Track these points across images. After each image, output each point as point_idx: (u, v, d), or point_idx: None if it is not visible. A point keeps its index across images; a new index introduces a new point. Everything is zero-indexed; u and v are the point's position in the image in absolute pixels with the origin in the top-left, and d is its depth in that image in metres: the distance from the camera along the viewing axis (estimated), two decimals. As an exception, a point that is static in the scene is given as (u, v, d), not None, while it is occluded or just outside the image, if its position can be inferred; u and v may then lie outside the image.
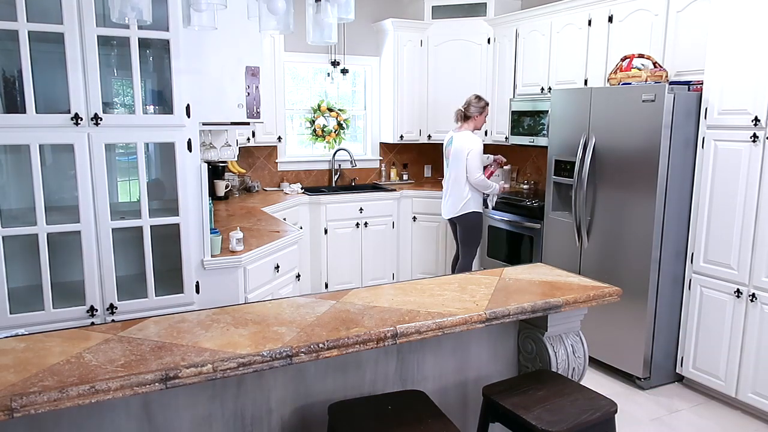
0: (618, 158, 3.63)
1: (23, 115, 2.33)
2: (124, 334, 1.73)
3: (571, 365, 2.27)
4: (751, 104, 3.11)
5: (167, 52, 2.54)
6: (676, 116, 3.37)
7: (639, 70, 3.62)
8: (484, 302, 2.03)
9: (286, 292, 3.32)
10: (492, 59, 5.35)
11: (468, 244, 4.63)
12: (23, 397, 1.35)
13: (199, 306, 2.69)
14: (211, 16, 2.21)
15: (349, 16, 2.16)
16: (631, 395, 3.53)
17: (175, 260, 2.69)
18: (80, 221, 2.47)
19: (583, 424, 1.80)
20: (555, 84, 4.63)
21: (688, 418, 3.28)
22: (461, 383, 2.27)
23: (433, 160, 6.24)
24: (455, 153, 4.48)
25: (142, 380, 1.47)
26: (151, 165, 3.06)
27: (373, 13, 5.69)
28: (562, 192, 4.14)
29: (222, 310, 1.97)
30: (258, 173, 5.43)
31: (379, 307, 1.98)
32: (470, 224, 4.57)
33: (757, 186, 3.12)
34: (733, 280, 3.28)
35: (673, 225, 3.50)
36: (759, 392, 3.17)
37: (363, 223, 5.24)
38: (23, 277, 2.69)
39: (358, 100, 5.95)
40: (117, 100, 2.86)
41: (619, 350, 3.70)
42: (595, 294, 2.17)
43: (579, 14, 4.38)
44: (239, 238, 2.86)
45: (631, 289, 3.56)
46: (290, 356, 1.64)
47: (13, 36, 2.30)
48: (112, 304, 2.56)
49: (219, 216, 3.88)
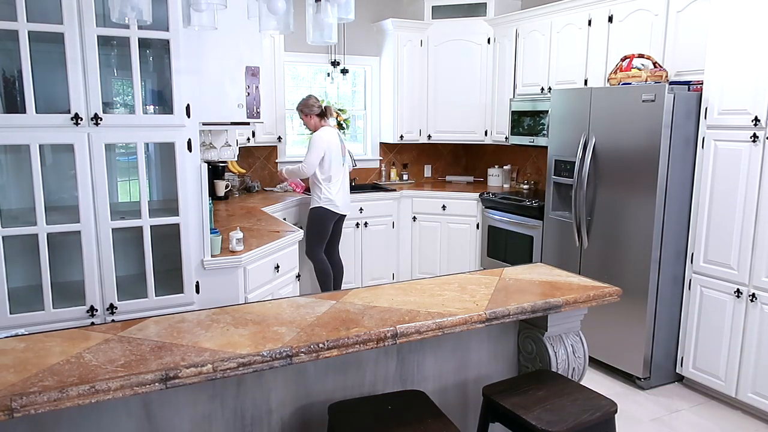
0: (618, 158, 3.63)
1: (23, 115, 2.33)
2: (124, 334, 1.73)
3: (571, 365, 2.27)
4: (751, 104, 3.11)
5: (167, 52, 2.54)
6: (676, 116, 3.37)
7: (639, 70, 3.62)
8: (484, 302, 2.03)
9: (286, 292, 3.32)
10: (492, 59, 5.35)
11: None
12: (23, 397, 1.35)
13: (199, 306, 2.69)
14: (211, 16, 2.21)
15: (349, 16, 2.16)
16: (631, 395, 3.53)
17: (175, 260, 2.69)
18: (80, 221, 2.47)
19: (583, 424, 1.80)
20: (555, 84, 4.63)
21: (688, 418, 3.28)
22: (461, 383, 2.27)
23: (433, 160, 6.25)
24: (343, 149, 4.61)
25: (142, 380, 1.47)
26: (151, 165, 3.06)
27: (373, 13, 5.69)
28: (562, 192, 4.14)
29: (222, 310, 1.97)
30: (258, 173, 5.43)
31: (379, 307, 1.98)
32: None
33: (757, 186, 3.12)
34: (733, 280, 3.27)
35: (673, 225, 3.50)
36: (759, 392, 3.17)
37: (363, 223, 5.24)
38: (23, 277, 2.69)
39: (358, 100, 5.95)
40: (117, 100, 2.86)
41: (619, 350, 3.70)
42: (595, 294, 2.17)
43: (579, 14, 4.38)
44: (239, 238, 2.86)
45: (631, 289, 3.56)
46: (290, 356, 1.64)
47: (13, 36, 2.30)
48: (112, 304, 2.56)
49: (219, 216, 3.88)
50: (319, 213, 4.54)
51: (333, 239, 4.76)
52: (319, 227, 4.59)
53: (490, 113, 5.42)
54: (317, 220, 4.57)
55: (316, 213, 4.55)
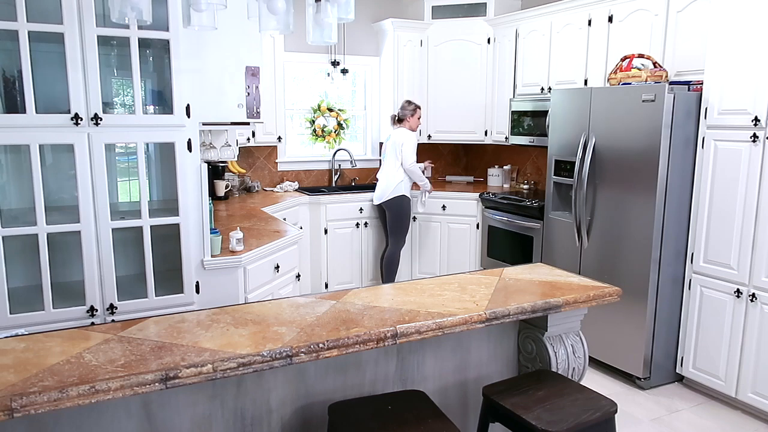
0: (618, 158, 3.63)
1: (23, 115, 2.33)
2: (124, 334, 1.73)
3: (571, 365, 2.27)
4: (751, 104, 3.11)
5: (167, 52, 2.54)
6: (676, 116, 3.37)
7: (639, 70, 3.62)
8: (484, 302, 2.03)
9: (286, 292, 3.32)
10: (492, 59, 5.35)
11: (397, 230, 4.97)
12: (23, 397, 1.35)
13: (199, 306, 2.69)
14: (211, 16, 2.21)
15: (349, 16, 2.16)
16: (631, 395, 3.53)
17: (175, 260, 2.69)
18: (80, 221, 2.47)
19: (583, 424, 1.80)
20: (555, 84, 4.63)
21: (688, 418, 3.28)
22: (461, 383, 2.27)
23: (433, 160, 6.24)
24: (391, 145, 4.93)
25: (142, 380, 1.47)
26: (151, 165, 3.06)
27: (373, 13, 5.69)
28: (562, 192, 4.14)
29: (222, 310, 1.97)
30: (258, 173, 5.43)
31: (379, 307, 1.98)
32: (399, 208, 4.92)
33: (757, 186, 3.12)
34: (733, 280, 3.28)
35: (673, 225, 3.50)
36: (759, 392, 3.17)
37: (363, 223, 5.24)
38: (23, 277, 2.70)
39: (358, 100, 5.95)
40: (117, 100, 2.86)
41: (619, 350, 3.70)
42: (595, 294, 2.17)
43: (579, 14, 4.38)
44: (239, 238, 2.86)
45: (631, 289, 3.57)
46: (290, 356, 1.64)
47: (13, 36, 2.30)
48: (112, 304, 2.56)
49: (219, 216, 3.88)
50: (408, 204, 4.99)
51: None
52: (408, 219, 5.03)
53: (490, 113, 5.42)
54: (408, 211, 5.01)
55: (407, 203, 4.97)
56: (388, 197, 4.90)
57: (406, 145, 4.84)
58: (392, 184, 4.89)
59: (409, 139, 4.86)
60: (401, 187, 4.89)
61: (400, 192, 4.89)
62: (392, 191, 4.88)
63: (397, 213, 4.94)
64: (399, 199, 4.91)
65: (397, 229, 4.98)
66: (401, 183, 4.88)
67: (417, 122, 5.00)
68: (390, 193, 4.89)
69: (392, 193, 4.88)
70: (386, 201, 4.92)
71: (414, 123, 4.97)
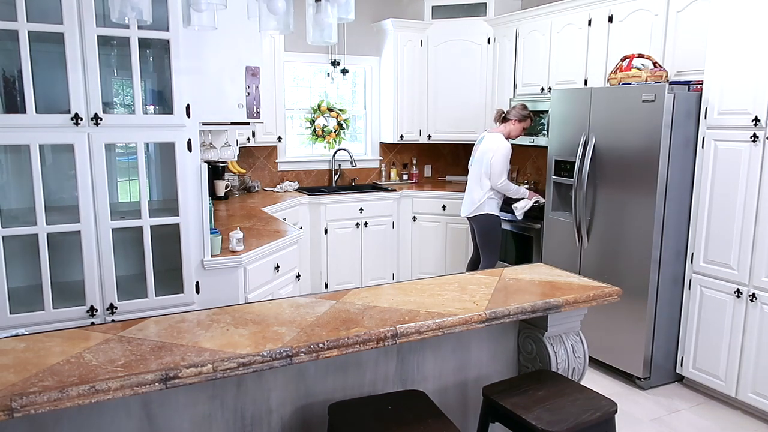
0: (618, 158, 3.63)
1: (23, 115, 2.33)
2: (124, 334, 1.74)
3: (571, 365, 2.27)
4: (751, 104, 3.11)
5: (167, 52, 2.54)
6: (676, 116, 3.37)
7: (639, 70, 3.62)
8: (484, 302, 2.03)
9: (286, 292, 3.32)
10: (492, 59, 5.35)
11: (486, 248, 4.54)
12: (23, 397, 1.35)
13: (199, 306, 2.69)
14: (211, 16, 2.21)
15: (349, 16, 2.16)
16: (631, 395, 3.53)
17: (175, 260, 2.69)
18: (80, 221, 2.47)
19: (583, 424, 1.80)
20: (555, 84, 4.63)
21: (688, 418, 3.28)
22: (461, 383, 2.27)
23: (433, 160, 6.25)
24: (480, 153, 4.48)
25: (142, 380, 1.47)
26: (151, 165, 3.06)
27: (373, 13, 5.69)
28: (562, 192, 4.14)
29: (222, 310, 1.97)
30: (258, 173, 5.43)
31: (379, 307, 1.98)
32: (485, 227, 4.49)
33: (757, 186, 3.12)
34: (733, 280, 3.28)
35: (673, 225, 3.50)
36: (759, 392, 3.17)
37: (363, 223, 5.24)
38: (23, 277, 2.70)
39: (358, 100, 5.95)
40: (117, 100, 2.86)
41: (619, 350, 3.70)
42: (595, 294, 2.18)
43: (579, 14, 4.38)
44: (239, 238, 2.86)
45: (631, 289, 3.57)
46: (290, 356, 1.64)
47: (13, 36, 2.30)
48: (112, 304, 2.56)
49: (219, 216, 3.88)
50: (497, 222, 4.49)
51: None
52: (497, 236, 4.52)
53: (490, 113, 5.42)
54: (497, 229, 4.50)
55: (495, 221, 4.48)
56: (473, 213, 4.50)
57: (497, 159, 4.31)
58: (476, 201, 4.46)
59: (501, 150, 4.32)
60: (486, 205, 4.42)
61: (484, 210, 4.44)
62: (476, 209, 4.46)
63: (484, 232, 4.51)
64: (484, 217, 4.46)
65: (485, 248, 4.54)
66: (486, 201, 4.41)
67: (519, 131, 4.48)
68: (474, 210, 4.48)
69: (476, 210, 4.46)
70: (472, 216, 4.53)
71: (516, 130, 4.46)
